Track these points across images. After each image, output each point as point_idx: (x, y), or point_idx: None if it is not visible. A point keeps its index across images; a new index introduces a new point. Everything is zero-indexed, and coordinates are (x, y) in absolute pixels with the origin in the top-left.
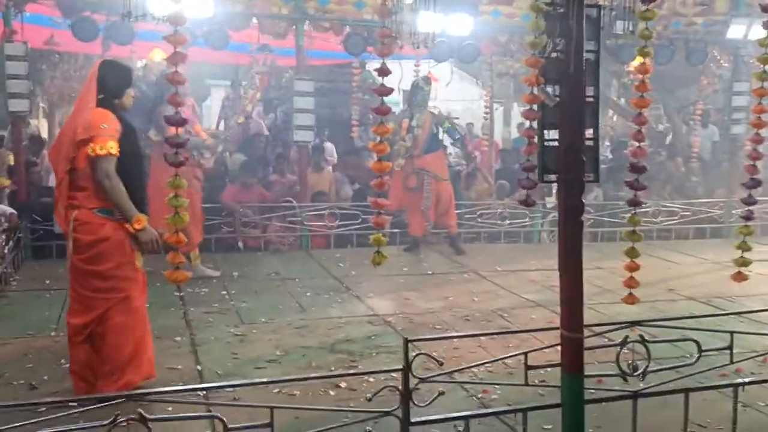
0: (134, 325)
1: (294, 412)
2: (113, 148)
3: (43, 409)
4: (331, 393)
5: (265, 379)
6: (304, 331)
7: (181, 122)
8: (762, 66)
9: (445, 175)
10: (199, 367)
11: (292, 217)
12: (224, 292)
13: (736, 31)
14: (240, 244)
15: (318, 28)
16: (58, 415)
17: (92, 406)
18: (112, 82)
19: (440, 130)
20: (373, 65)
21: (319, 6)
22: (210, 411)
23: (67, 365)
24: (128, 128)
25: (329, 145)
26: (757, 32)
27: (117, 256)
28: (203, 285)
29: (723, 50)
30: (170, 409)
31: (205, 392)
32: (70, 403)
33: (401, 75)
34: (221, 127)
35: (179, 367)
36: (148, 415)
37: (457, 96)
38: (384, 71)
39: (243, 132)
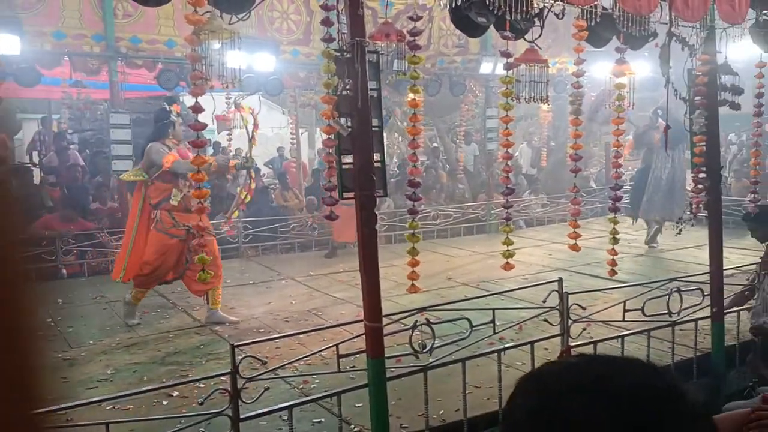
0: None
1: (129, 425)
2: None
3: None
4: (164, 403)
5: (96, 398)
6: (134, 349)
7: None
8: (506, 98)
9: None
10: None
11: (116, 242)
12: (49, 319)
13: (486, 67)
14: (63, 271)
15: (131, 65)
16: None
17: None
18: None
19: None
20: (187, 98)
21: (130, 45)
22: None
23: None
24: None
25: None
26: (502, 68)
27: None
28: None
29: (477, 82)
30: None
31: None
32: None
33: (214, 107)
34: (34, 159)
35: None
36: None
37: (266, 124)
38: (197, 109)
39: (60, 163)
